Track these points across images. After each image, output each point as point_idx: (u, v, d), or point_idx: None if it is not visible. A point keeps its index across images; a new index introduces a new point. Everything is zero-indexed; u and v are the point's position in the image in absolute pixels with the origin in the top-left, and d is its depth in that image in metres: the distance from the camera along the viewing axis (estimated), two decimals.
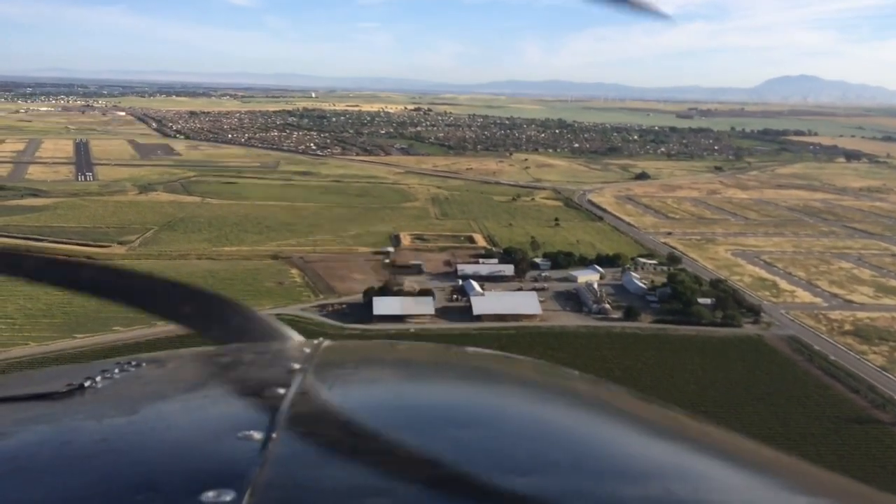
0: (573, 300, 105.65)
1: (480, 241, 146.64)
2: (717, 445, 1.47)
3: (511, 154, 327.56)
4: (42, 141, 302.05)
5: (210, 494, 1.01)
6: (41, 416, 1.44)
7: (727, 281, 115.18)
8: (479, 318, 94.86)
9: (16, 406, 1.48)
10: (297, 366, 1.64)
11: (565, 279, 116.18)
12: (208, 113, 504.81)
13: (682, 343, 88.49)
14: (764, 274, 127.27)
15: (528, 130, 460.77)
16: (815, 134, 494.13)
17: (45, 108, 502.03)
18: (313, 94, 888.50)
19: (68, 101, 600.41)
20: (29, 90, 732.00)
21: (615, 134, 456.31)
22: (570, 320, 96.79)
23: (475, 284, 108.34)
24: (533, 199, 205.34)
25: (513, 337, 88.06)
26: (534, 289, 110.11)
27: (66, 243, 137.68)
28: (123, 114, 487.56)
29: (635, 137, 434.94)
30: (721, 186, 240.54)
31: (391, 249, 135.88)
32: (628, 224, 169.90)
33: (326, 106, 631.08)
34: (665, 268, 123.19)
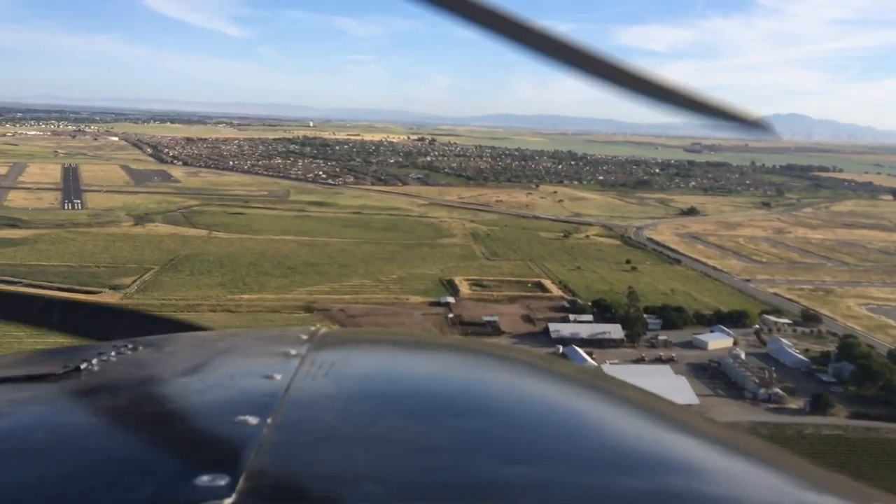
0: (720, 379, 79.44)
1: (553, 289, 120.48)
2: (711, 437, 1.46)
3: (537, 186, 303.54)
4: (27, 165, 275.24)
5: (205, 478, 1.00)
6: (37, 397, 1.44)
7: None
8: None
9: (12, 387, 1.48)
10: (294, 352, 1.63)
11: (690, 345, 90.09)
12: (205, 139, 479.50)
13: None
14: None
15: (541, 162, 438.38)
16: (841, 170, 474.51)
17: (33, 132, 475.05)
18: (311, 124, 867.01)
19: (59, 126, 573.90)
20: (19, 115, 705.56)
21: (634, 167, 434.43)
22: (734, 413, 70.38)
23: (582, 352, 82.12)
24: (587, 236, 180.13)
25: None
26: (658, 359, 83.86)
27: (45, 288, 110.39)
28: (116, 139, 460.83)
29: (657, 171, 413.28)
30: (784, 224, 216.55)
31: (451, 300, 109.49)
32: (713, 268, 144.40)
33: (326, 135, 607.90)
34: (804, 329, 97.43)
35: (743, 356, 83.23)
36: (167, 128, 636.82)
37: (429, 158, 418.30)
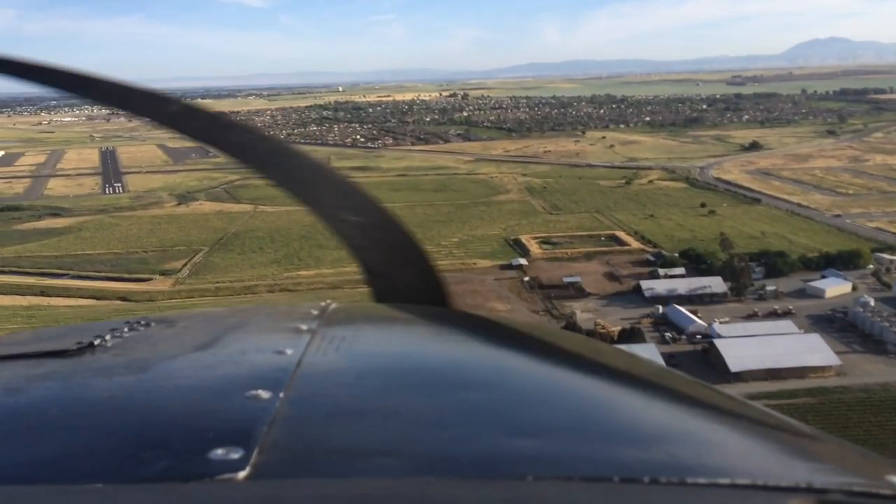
0: (851, 332, 69.84)
1: (631, 241, 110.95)
2: (718, 407, 1.48)
3: (584, 133, 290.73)
4: (65, 151, 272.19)
5: (218, 452, 1.00)
6: (52, 373, 1.46)
7: None
8: (738, 376, 59.23)
9: (27, 363, 1.51)
10: (305, 327, 1.64)
11: (803, 293, 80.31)
12: (238, 112, 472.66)
13: None
14: None
15: (581, 108, 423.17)
16: None
17: (68, 119, 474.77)
18: (340, 89, 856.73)
19: (92, 111, 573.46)
20: (52, 103, 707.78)
21: (679, 105, 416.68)
22: (886, 372, 60.87)
23: (685, 311, 73.03)
24: (650, 181, 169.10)
25: (818, 413, 52.69)
26: (773, 313, 74.44)
27: (92, 278, 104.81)
28: None
29: (705, 107, 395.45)
30: (858, 152, 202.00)
31: (523, 261, 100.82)
32: (798, 205, 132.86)
33: (357, 98, 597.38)
34: None
35: (872, 303, 73.19)
36: (198, 104, 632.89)
37: (465, 114, 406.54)
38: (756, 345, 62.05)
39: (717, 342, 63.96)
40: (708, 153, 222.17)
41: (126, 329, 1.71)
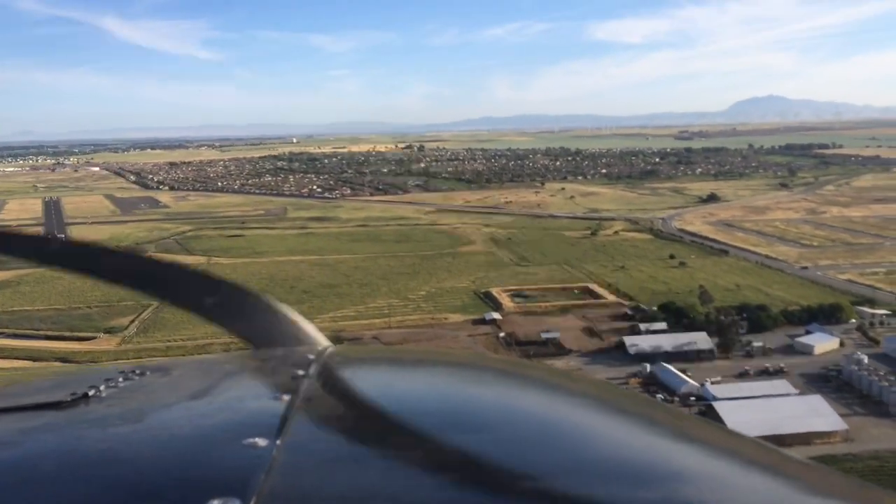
0: (848, 391, 66.67)
1: (606, 294, 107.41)
2: (714, 443, 1.46)
3: (543, 184, 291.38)
4: (6, 202, 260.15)
5: (215, 502, 0.99)
6: (46, 425, 1.43)
7: None
8: None
9: (20, 416, 1.48)
10: (301, 372, 1.61)
11: (791, 350, 77.29)
12: (189, 163, 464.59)
13: None
14: None
15: (537, 160, 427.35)
16: (841, 146, 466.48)
17: (11, 169, 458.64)
18: (294, 140, 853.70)
19: (37, 161, 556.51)
20: None
21: (633, 158, 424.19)
22: (889, 437, 57.33)
23: (676, 371, 69.05)
24: (616, 232, 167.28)
25: None
26: (765, 372, 71.03)
27: (29, 337, 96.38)
28: (97, 169, 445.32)
29: (657, 160, 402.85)
30: (814, 205, 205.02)
31: (497, 316, 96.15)
32: (766, 257, 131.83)
33: (312, 149, 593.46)
34: None
35: (866, 361, 70.28)
36: (148, 154, 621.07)
37: (422, 165, 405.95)
38: (756, 408, 58.09)
39: (716, 405, 59.74)
40: (667, 205, 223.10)
41: (120, 378, 1.68)
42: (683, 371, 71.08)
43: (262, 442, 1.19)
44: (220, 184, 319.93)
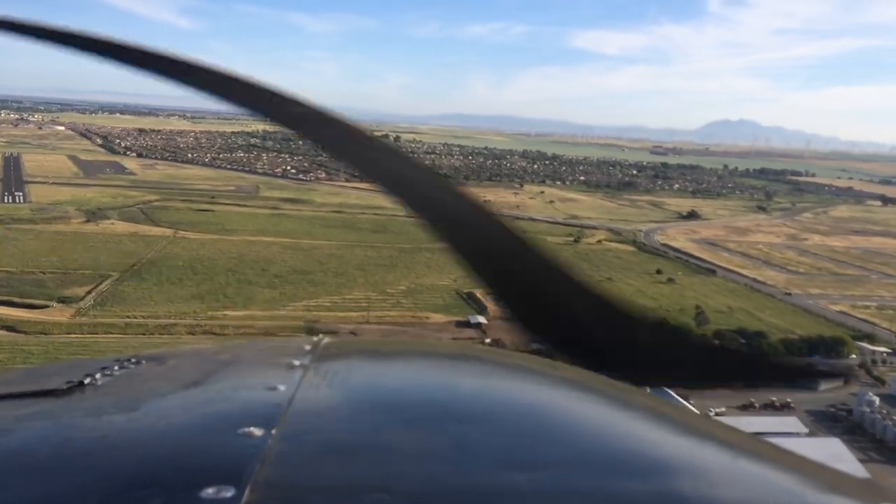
0: (860, 434, 62.92)
1: None
2: (715, 439, 1.47)
3: (521, 186, 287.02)
4: None
5: (210, 491, 0.99)
6: (42, 413, 1.44)
7: None
8: None
9: (16, 403, 1.48)
10: (297, 362, 1.61)
11: (794, 383, 73.03)
12: (159, 131, 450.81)
13: None
14: None
15: (515, 161, 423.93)
16: (814, 175, 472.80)
17: None
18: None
19: (0, 115, 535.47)
20: None
21: (611, 168, 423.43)
22: None
23: (679, 399, 64.28)
24: (599, 241, 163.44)
25: None
26: (771, 405, 66.83)
27: None
28: (63, 128, 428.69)
29: (634, 172, 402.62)
30: (793, 230, 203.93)
31: (482, 320, 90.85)
32: (754, 280, 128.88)
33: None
34: None
35: (877, 402, 66.59)
36: (117, 119, 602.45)
37: None
38: None
39: None
40: (647, 217, 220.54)
41: (116, 367, 1.69)
42: (685, 398, 66.56)
43: (257, 431, 1.18)
44: (190, 155, 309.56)
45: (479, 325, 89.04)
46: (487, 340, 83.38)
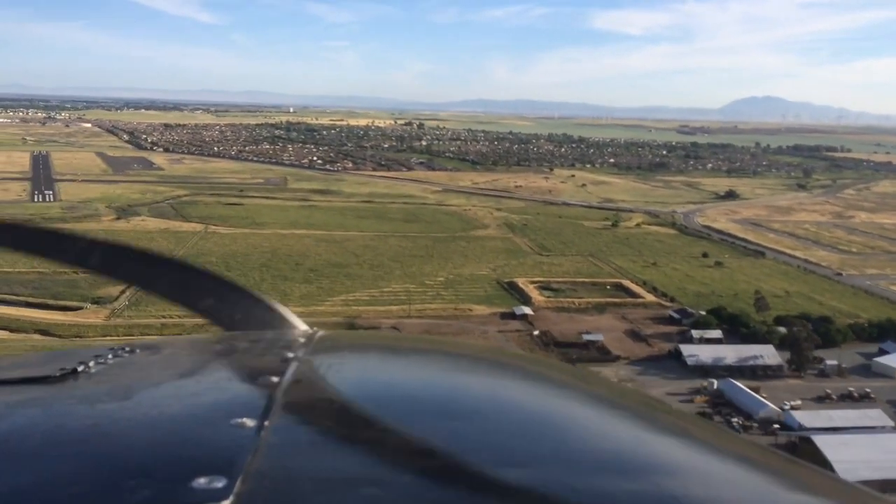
0: None
1: (643, 293, 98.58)
2: (712, 442, 1.46)
3: (551, 170, 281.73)
4: None
5: (201, 481, 0.98)
6: (34, 399, 1.43)
7: None
8: None
9: (9, 389, 1.47)
10: (291, 354, 1.61)
11: (867, 370, 68.81)
12: (184, 126, 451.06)
13: None
14: None
15: (541, 145, 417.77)
16: (849, 150, 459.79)
17: (1, 120, 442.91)
18: (291, 110, 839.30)
19: (28, 114, 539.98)
20: None
21: (640, 149, 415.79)
22: None
23: (750, 391, 60.38)
24: (638, 224, 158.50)
25: None
26: (848, 396, 62.39)
27: (8, 303, 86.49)
28: (89, 125, 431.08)
29: (665, 153, 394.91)
30: (838, 208, 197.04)
31: (528, 310, 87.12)
32: (806, 261, 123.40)
33: (309, 120, 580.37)
34: None
35: None
36: (142, 114, 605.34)
37: (424, 142, 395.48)
38: (864, 445, 49.38)
39: (817, 440, 50.80)
40: (683, 199, 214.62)
41: (110, 356, 1.68)
42: (756, 390, 62.39)
43: (249, 422, 1.18)
44: (216, 148, 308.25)
45: (524, 316, 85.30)
46: (535, 332, 79.81)
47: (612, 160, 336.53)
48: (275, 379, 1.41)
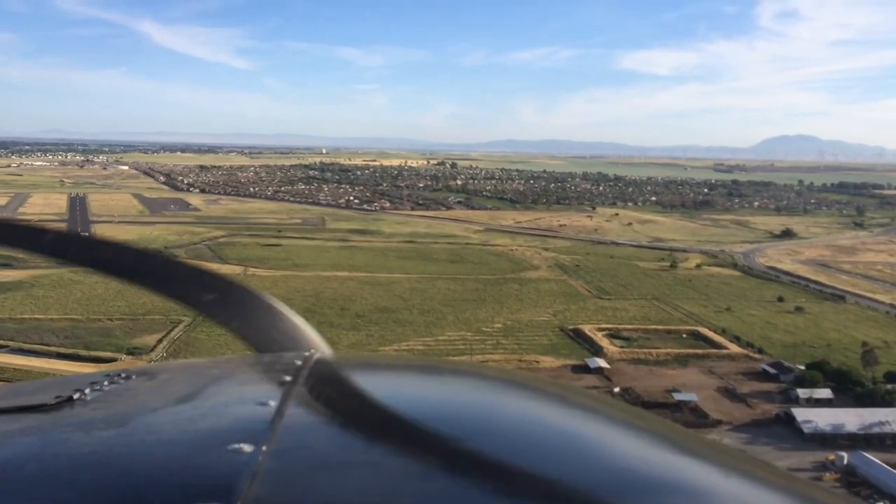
0: None
1: (726, 343, 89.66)
2: (703, 454, 1.45)
3: (594, 208, 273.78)
4: (30, 195, 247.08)
5: None
6: (30, 428, 1.42)
7: None
8: None
9: (4, 418, 1.45)
10: (288, 378, 1.58)
11: None
12: (219, 167, 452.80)
13: None
14: None
15: (577, 184, 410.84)
16: (895, 188, 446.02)
17: (39, 163, 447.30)
18: (323, 151, 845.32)
19: (66, 157, 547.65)
20: (26, 148, 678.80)
21: (680, 187, 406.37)
22: None
23: (887, 468, 51.15)
24: (698, 266, 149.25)
25: None
26: None
27: (38, 354, 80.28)
28: (126, 168, 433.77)
29: (706, 191, 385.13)
30: None
31: (602, 363, 78.62)
32: (892, 305, 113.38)
33: (342, 161, 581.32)
34: None
35: None
36: (178, 157, 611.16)
37: (459, 181, 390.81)
38: None
39: None
40: (736, 238, 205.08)
41: (106, 382, 1.66)
42: (893, 465, 53.19)
43: (247, 448, 1.17)
44: (252, 189, 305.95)
45: (600, 369, 76.82)
46: (616, 389, 71.13)
47: (653, 198, 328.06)
48: (273, 403, 1.40)
